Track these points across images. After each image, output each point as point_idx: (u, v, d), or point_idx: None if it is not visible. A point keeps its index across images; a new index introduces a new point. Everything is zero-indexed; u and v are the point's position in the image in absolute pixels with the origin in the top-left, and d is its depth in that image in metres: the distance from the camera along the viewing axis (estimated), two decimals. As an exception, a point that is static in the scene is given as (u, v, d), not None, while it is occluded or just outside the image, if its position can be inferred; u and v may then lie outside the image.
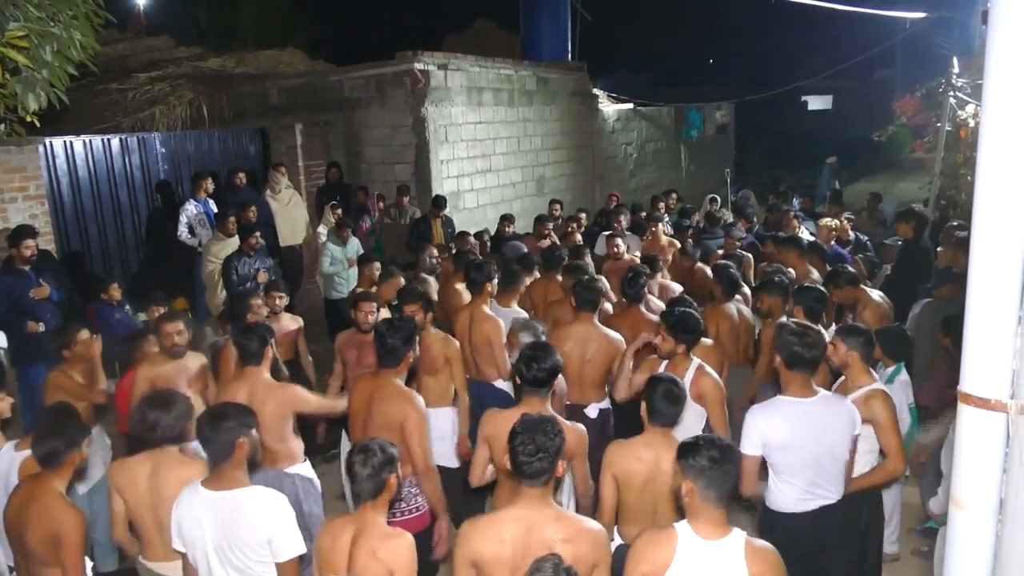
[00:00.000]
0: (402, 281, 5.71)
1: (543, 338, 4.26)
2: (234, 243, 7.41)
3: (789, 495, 3.33)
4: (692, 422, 3.85)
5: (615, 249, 6.78)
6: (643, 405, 3.25)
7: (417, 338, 3.86)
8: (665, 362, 4.08)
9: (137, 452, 3.34)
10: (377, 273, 5.88)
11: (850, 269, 5.51)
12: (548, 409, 3.43)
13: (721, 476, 2.47)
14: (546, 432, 2.65)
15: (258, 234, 7.04)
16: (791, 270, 5.91)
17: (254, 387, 3.93)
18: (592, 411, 4.57)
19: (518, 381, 3.59)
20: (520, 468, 2.64)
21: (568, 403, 4.50)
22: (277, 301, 5.52)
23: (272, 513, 2.86)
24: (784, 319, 4.68)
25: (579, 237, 8.17)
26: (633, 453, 3.18)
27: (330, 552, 2.72)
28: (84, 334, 4.52)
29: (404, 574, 2.67)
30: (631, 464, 3.16)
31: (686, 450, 2.54)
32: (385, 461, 2.72)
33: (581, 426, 3.46)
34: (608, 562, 2.66)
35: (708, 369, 3.96)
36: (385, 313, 5.33)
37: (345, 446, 4.50)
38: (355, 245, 7.84)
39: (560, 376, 4.16)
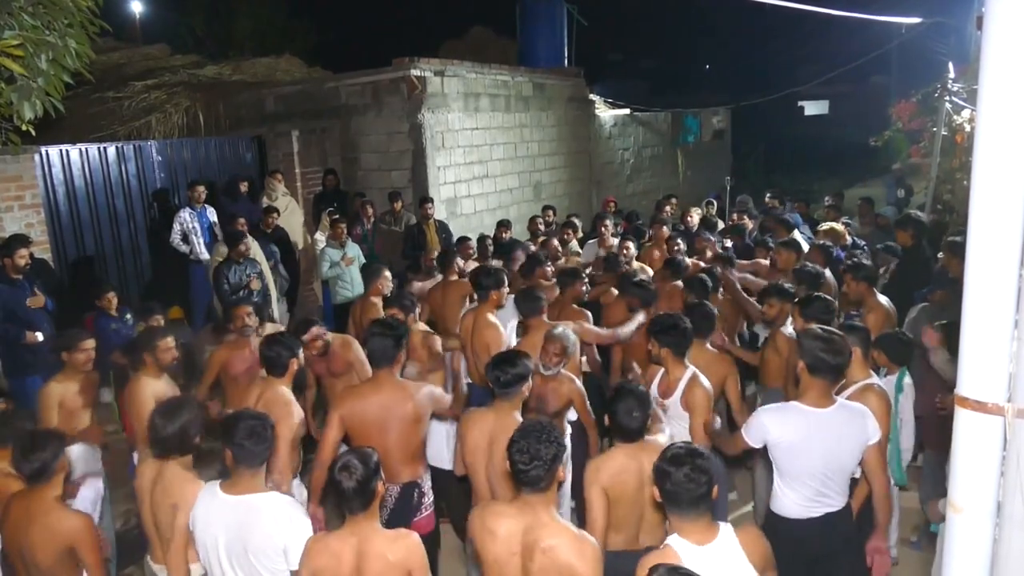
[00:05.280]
0: (387, 274, 5.83)
1: (571, 347, 4.25)
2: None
3: (795, 501, 3.30)
4: (684, 433, 3.84)
5: (625, 251, 6.78)
6: (606, 418, 3.23)
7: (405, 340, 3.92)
8: (662, 370, 4.07)
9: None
10: (388, 284, 5.83)
11: (870, 265, 5.43)
12: (516, 416, 3.47)
13: (689, 495, 2.44)
14: (541, 439, 2.62)
15: (248, 240, 7.00)
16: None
17: (265, 398, 3.84)
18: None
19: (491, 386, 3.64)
20: (518, 475, 2.63)
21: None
22: (246, 319, 4.92)
23: (288, 521, 2.85)
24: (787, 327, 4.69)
25: (576, 243, 8.17)
26: (618, 464, 3.12)
27: (336, 570, 2.67)
28: (89, 343, 4.47)
29: (421, 571, 2.69)
30: (619, 476, 3.10)
31: (660, 463, 2.52)
32: (371, 473, 2.69)
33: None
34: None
35: (702, 379, 3.91)
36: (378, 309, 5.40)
37: None
38: (354, 247, 7.86)
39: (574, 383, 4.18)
